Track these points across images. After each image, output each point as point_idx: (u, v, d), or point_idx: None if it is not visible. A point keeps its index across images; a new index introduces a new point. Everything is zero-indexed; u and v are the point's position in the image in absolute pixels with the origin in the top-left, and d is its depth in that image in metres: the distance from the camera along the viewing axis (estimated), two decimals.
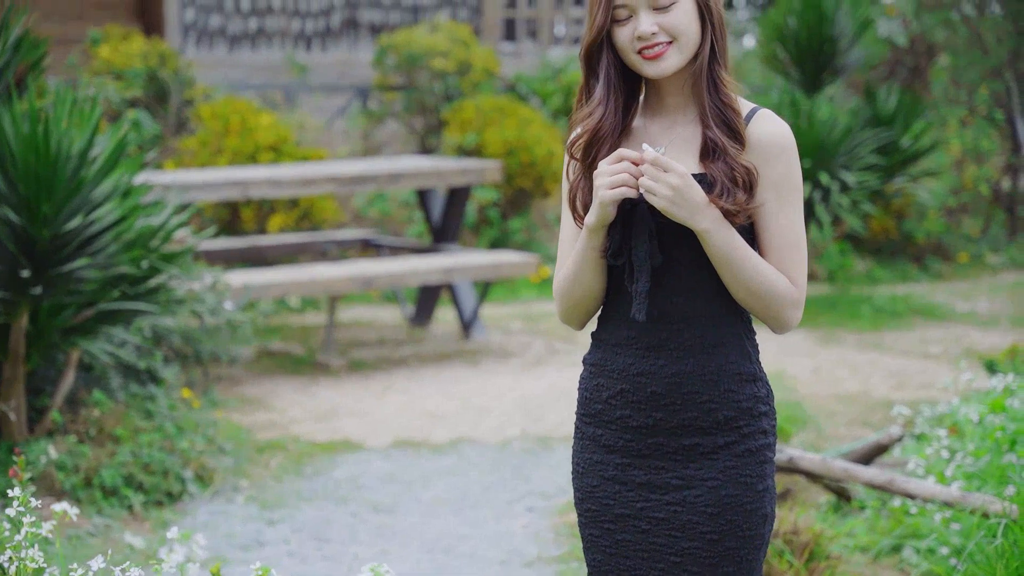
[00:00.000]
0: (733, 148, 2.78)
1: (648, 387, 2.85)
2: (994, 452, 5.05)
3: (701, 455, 2.84)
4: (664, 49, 2.79)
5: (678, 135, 2.87)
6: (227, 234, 11.04)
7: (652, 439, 2.86)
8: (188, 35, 13.46)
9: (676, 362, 2.83)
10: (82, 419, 6.14)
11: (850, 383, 8.37)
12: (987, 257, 13.09)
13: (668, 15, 2.78)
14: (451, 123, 12.26)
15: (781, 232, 2.82)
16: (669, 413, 2.84)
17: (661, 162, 2.72)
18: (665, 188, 2.71)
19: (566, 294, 2.92)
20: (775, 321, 2.85)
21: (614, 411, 2.89)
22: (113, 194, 5.83)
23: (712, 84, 2.82)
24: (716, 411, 2.83)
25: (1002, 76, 13.39)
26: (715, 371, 2.83)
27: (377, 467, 6.69)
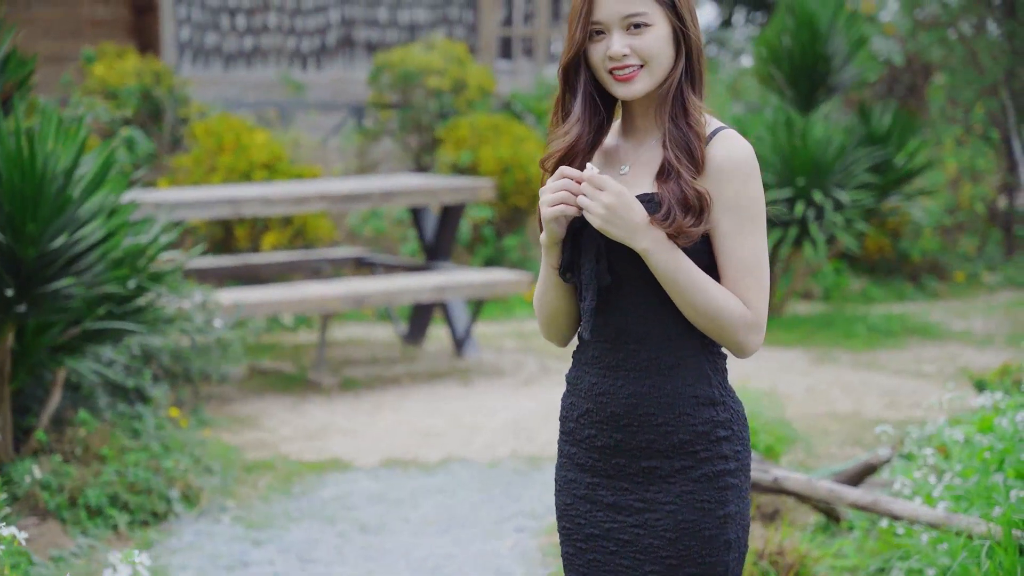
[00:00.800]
0: (688, 172, 2.75)
1: (608, 407, 2.84)
2: (982, 472, 5.02)
3: (659, 478, 2.82)
4: (635, 72, 2.79)
5: (643, 155, 2.86)
6: (221, 252, 11.03)
7: (615, 459, 2.85)
8: (184, 53, 13.47)
9: (633, 383, 2.82)
10: (68, 438, 6.11)
11: (843, 402, 8.34)
12: (983, 276, 13.06)
13: (640, 38, 2.77)
14: (446, 141, 12.25)
15: (736, 255, 2.78)
16: (628, 434, 2.83)
17: (595, 180, 2.71)
18: (599, 206, 2.70)
19: (538, 310, 2.95)
20: (731, 345, 2.81)
21: (583, 430, 2.89)
22: (99, 213, 5.80)
23: (681, 109, 2.80)
24: (672, 434, 2.80)
25: (998, 95, 13.38)
26: (671, 393, 2.81)
27: (366, 486, 6.65)
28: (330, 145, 13.10)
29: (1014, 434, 5.09)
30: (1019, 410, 5.20)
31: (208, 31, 13.62)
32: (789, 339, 10.25)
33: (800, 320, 10.80)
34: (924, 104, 14.58)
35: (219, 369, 7.57)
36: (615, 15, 2.76)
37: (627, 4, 2.76)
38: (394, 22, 14.34)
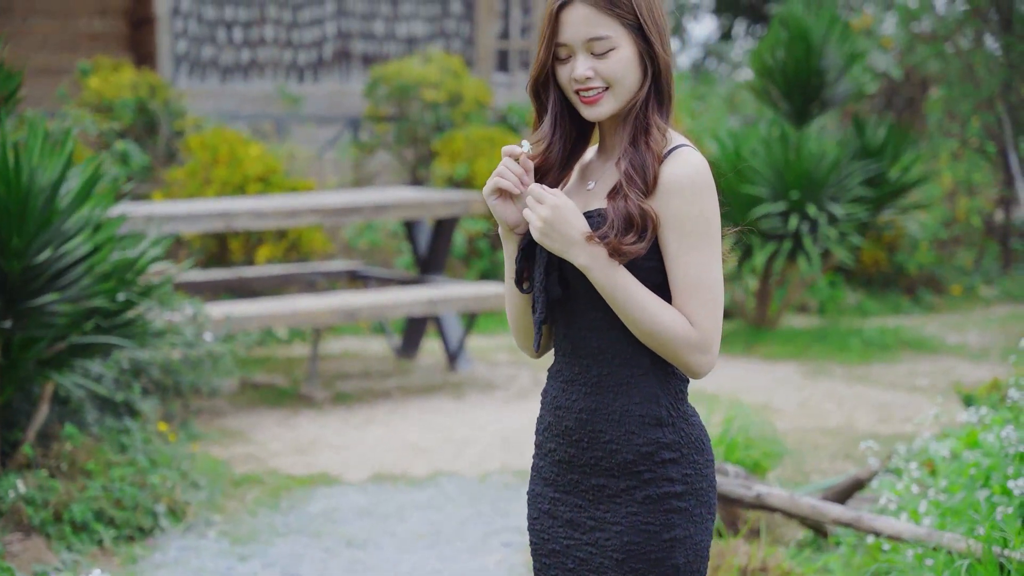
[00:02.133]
0: (637, 190, 2.74)
1: (563, 421, 2.85)
2: (968, 488, 5.00)
3: (608, 497, 2.81)
4: (600, 95, 2.78)
5: (607, 172, 2.86)
6: (215, 265, 11.02)
7: (570, 475, 2.85)
8: (180, 66, 13.48)
9: (585, 398, 2.81)
10: (54, 453, 6.09)
11: (835, 416, 8.32)
12: (980, 289, 13.05)
13: (604, 61, 2.76)
14: (441, 154, 12.25)
15: (682, 273, 2.74)
16: (579, 450, 2.82)
17: (535, 194, 2.72)
18: (536, 219, 2.72)
19: (509, 319, 2.96)
20: (679, 365, 2.77)
21: (547, 443, 2.90)
22: (85, 227, 5.79)
23: (643, 129, 2.79)
24: (617, 452, 2.78)
25: (994, 108, 13.37)
26: (619, 411, 2.79)
27: (353, 501, 6.63)
28: (326, 158, 13.10)
29: (1000, 450, 5.07)
30: (1005, 425, 5.18)
31: (205, 44, 13.63)
32: (784, 353, 10.23)
33: (795, 333, 10.78)
34: (922, 117, 14.58)
35: (209, 383, 7.56)
36: (579, 38, 2.76)
37: (591, 27, 2.75)
38: (391, 35, 14.35)
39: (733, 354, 10.22)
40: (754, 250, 10.30)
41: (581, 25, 2.75)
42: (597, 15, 2.74)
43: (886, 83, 15.67)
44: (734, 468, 5.23)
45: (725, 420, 6.10)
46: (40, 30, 13.45)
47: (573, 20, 2.75)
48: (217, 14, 13.67)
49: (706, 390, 8.82)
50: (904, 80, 14.95)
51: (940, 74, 14.02)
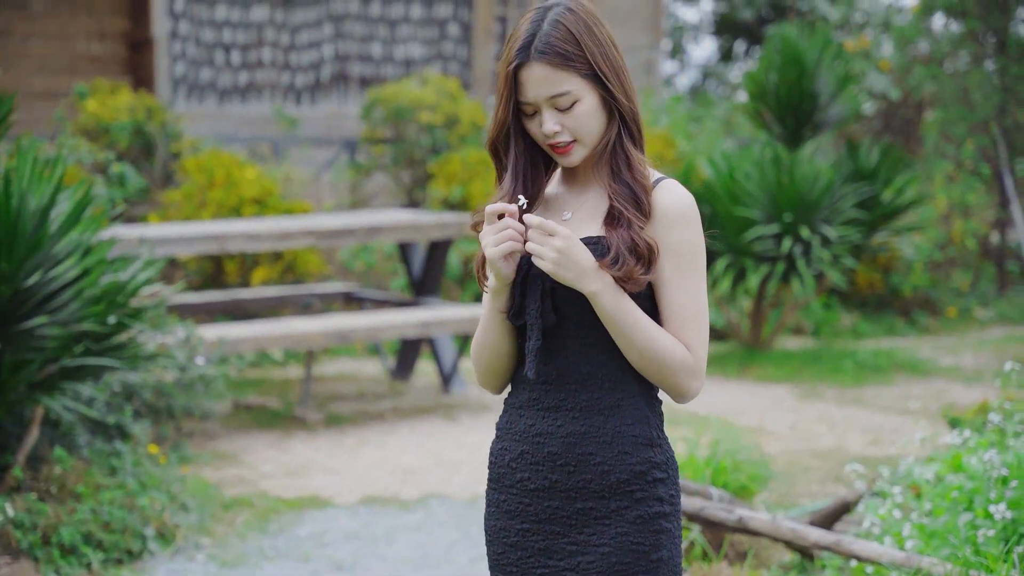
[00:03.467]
0: (638, 221, 2.81)
1: (545, 447, 2.85)
2: (951, 511, 5.01)
3: (594, 520, 2.83)
4: (569, 146, 2.84)
5: (588, 201, 2.91)
6: (211, 287, 11.05)
7: (548, 502, 2.86)
8: (178, 88, 13.53)
9: (572, 422, 2.84)
10: (43, 476, 6.11)
11: (827, 439, 8.33)
12: (976, 311, 13.07)
13: (569, 115, 2.82)
14: (437, 176, 12.29)
15: (680, 300, 2.83)
16: (564, 475, 2.84)
17: (546, 227, 2.74)
18: (551, 251, 2.74)
19: (477, 357, 2.96)
20: (672, 389, 2.84)
21: (514, 474, 2.90)
22: (74, 251, 5.83)
23: (624, 163, 2.86)
24: (610, 473, 2.82)
25: (989, 131, 13.41)
26: (611, 433, 2.83)
27: (343, 524, 6.65)
28: (323, 180, 13.14)
29: (984, 473, 5.08)
30: (989, 448, 5.20)
31: (203, 67, 13.69)
32: (778, 375, 10.24)
33: (789, 355, 10.79)
34: (919, 140, 14.63)
35: (201, 405, 7.58)
36: (541, 95, 2.81)
37: (550, 85, 2.80)
38: (389, 57, 14.40)
39: (727, 376, 10.24)
40: (748, 272, 10.33)
41: (541, 84, 2.80)
42: (555, 72, 2.79)
43: (885, 105, 15.72)
44: (718, 492, 5.25)
45: (712, 443, 6.12)
46: (39, 53, 13.50)
47: (532, 79, 2.80)
48: (215, 37, 13.73)
49: (699, 412, 8.84)
50: (902, 102, 15.00)
51: (936, 96, 14.06)
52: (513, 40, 2.81)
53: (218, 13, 13.72)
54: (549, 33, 2.78)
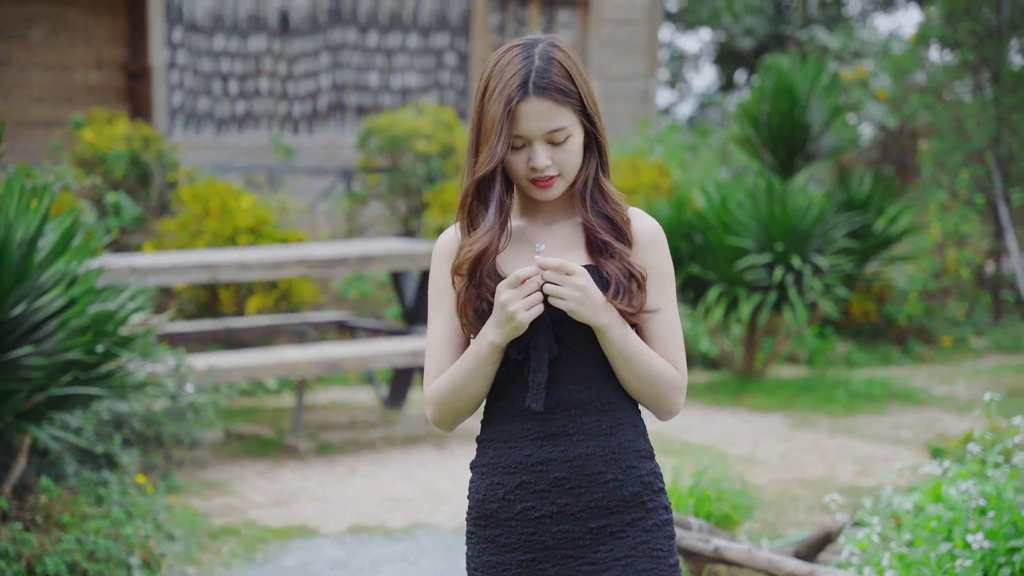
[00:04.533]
0: (624, 251, 2.89)
1: (551, 473, 2.88)
2: (930, 542, 5.02)
3: (610, 536, 2.88)
4: (552, 181, 2.88)
5: (557, 233, 2.96)
6: (206, 315, 11.08)
7: (557, 527, 2.88)
8: (176, 118, 13.60)
9: (576, 446, 2.88)
10: (29, 505, 6.12)
11: (816, 468, 8.33)
12: (971, 341, 13.06)
13: (561, 150, 2.86)
14: (432, 205, 12.33)
15: (663, 320, 2.93)
16: (574, 497, 2.87)
17: (565, 267, 2.79)
18: (573, 290, 2.79)
19: (451, 402, 2.95)
20: (664, 407, 2.93)
21: (513, 506, 2.91)
22: (60, 281, 5.85)
23: (600, 195, 2.93)
24: (621, 488, 2.88)
25: (984, 161, 13.44)
26: (616, 449, 2.89)
27: (329, 554, 6.66)
28: (319, 209, 13.19)
29: (964, 503, 5.09)
30: (969, 478, 5.21)
31: (200, 96, 13.76)
32: (770, 404, 10.25)
33: (782, 384, 10.80)
34: (916, 169, 14.66)
35: (191, 434, 7.60)
36: (539, 130, 2.84)
37: (549, 120, 2.83)
38: (386, 87, 14.47)
39: (720, 405, 10.25)
40: (740, 301, 10.35)
41: (540, 119, 2.83)
42: (555, 107, 2.83)
43: (883, 134, 15.77)
44: (698, 522, 5.26)
45: (696, 473, 6.13)
46: (37, 82, 13.58)
47: (531, 114, 2.82)
48: (213, 66, 13.81)
49: (690, 441, 8.85)
50: (899, 131, 15.05)
51: (931, 126, 14.11)
52: (503, 77, 2.82)
53: (216, 43, 13.80)
54: (546, 69, 2.82)
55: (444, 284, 2.97)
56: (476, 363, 2.88)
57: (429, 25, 14.59)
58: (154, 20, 13.36)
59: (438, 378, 2.96)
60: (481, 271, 2.87)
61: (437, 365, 2.97)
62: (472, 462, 3.01)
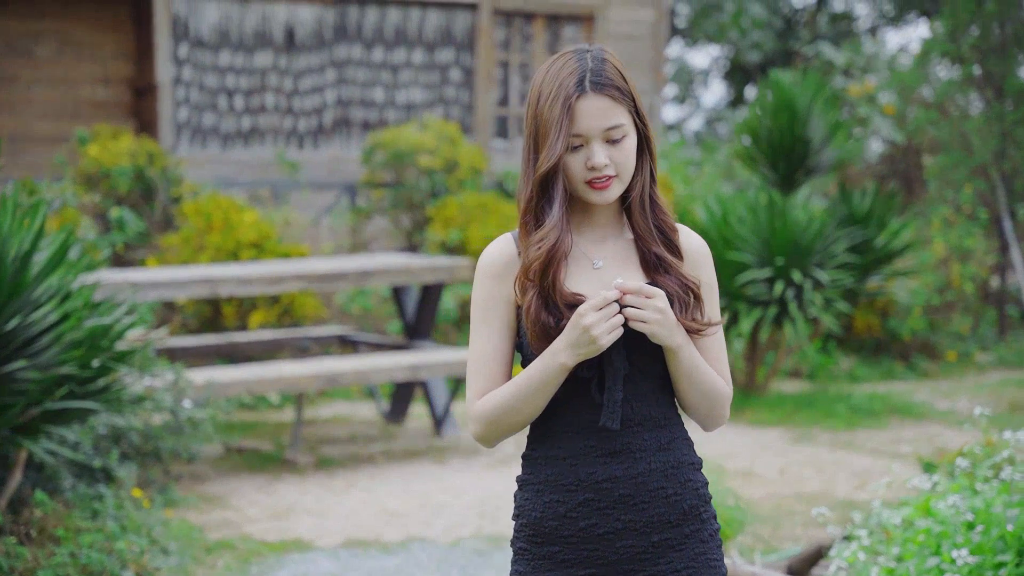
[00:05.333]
0: (676, 263, 2.94)
1: (616, 491, 2.90)
2: (918, 556, 5.02)
3: (670, 548, 2.92)
4: (609, 182, 2.89)
5: (611, 249, 2.97)
6: (209, 330, 11.12)
7: (621, 543, 2.91)
8: (181, 133, 13.65)
9: (639, 462, 2.91)
10: (24, 519, 6.15)
11: (814, 482, 8.33)
12: (976, 356, 13.05)
13: (618, 149, 2.87)
14: (435, 220, 12.36)
15: (715, 335, 2.99)
16: (637, 513, 2.90)
17: (645, 289, 2.82)
18: (654, 313, 2.82)
19: (503, 421, 2.93)
20: (713, 420, 3.00)
21: (575, 523, 2.91)
22: (55, 295, 5.88)
23: (653, 206, 2.96)
24: (681, 501, 2.92)
25: (988, 175, 13.44)
26: (675, 464, 2.93)
27: (323, 567, 6.67)
28: (323, 224, 13.22)
29: (953, 517, 5.09)
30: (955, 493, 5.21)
31: (206, 112, 13.81)
32: (771, 419, 10.25)
33: (783, 399, 10.80)
34: (924, 184, 14.66)
35: (189, 448, 7.62)
36: (596, 127, 2.85)
37: (607, 117, 2.85)
38: (391, 102, 14.52)
39: None
40: (740, 316, 10.35)
41: (598, 116, 2.85)
42: (612, 104, 2.86)
43: (891, 149, 15.77)
44: None
45: None
46: (43, 98, 13.65)
47: (589, 111, 2.84)
48: (219, 82, 13.86)
49: None
50: (907, 146, 15.04)
51: (935, 141, 14.11)
52: (558, 78, 2.85)
53: (222, 59, 13.86)
54: (601, 69, 2.86)
55: (494, 299, 2.95)
56: (541, 383, 2.86)
57: (434, 41, 14.64)
58: (160, 36, 13.42)
59: (488, 396, 2.94)
60: (553, 272, 2.86)
61: (486, 383, 2.95)
62: (522, 479, 2.99)
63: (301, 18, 14.11)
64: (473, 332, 2.97)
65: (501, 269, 2.94)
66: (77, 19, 13.79)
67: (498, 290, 2.94)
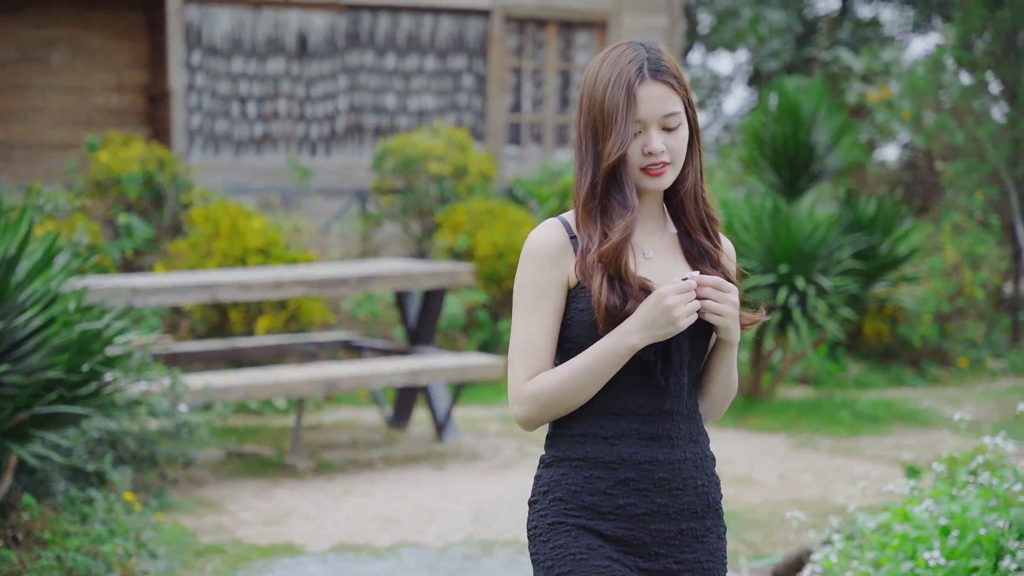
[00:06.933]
0: (720, 256, 3.03)
1: (656, 473, 2.96)
2: (894, 560, 5.00)
3: (694, 539, 2.99)
4: (664, 168, 2.94)
5: (657, 241, 3.03)
6: (216, 336, 11.16)
7: (653, 525, 2.97)
8: (194, 140, 13.72)
9: (676, 450, 2.99)
10: (11, 523, 6.19)
11: (812, 489, 8.30)
12: (988, 362, 12.98)
13: (674, 136, 2.94)
14: (444, 226, 12.39)
15: None
16: (671, 498, 2.97)
17: (720, 283, 2.90)
18: (730, 307, 2.92)
19: (558, 402, 2.96)
20: (720, 413, 3.13)
21: (614, 500, 2.97)
22: (40, 300, 5.92)
23: (702, 198, 3.02)
24: (707, 494, 3.01)
25: (1001, 182, 13.37)
26: (702, 456, 3.03)
27: (312, 571, 6.69)
28: (333, 230, 13.26)
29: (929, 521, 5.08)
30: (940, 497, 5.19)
31: (218, 118, 13.87)
32: (774, 425, 10.22)
33: (787, 405, 10.77)
34: (941, 190, 14.60)
35: (185, 453, 7.66)
36: (656, 114, 2.92)
37: (666, 103, 2.92)
38: (403, 109, 14.55)
39: (723, 425, 10.23)
40: None
41: (658, 102, 2.92)
42: (670, 92, 2.93)
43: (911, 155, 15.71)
44: None
45: None
46: (58, 106, 13.74)
47: (650, 97, 2.91)
48: (231, 89, 13.93)
49: None
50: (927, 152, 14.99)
51: (948, 147, 14.04)
52: (617, 66, 2.91)
53: (234, 66, 13.92)
54: (659, 58, 2.93)
55: (545, 282, 2.97)
56: (606, 363, 2.91)
57: (447, 47, 14.67)
58: (173, 43, 13.50)
59: (540, 377, 2.96)
60: (624, 258, 2.91)
61: (536, 364, 2.96)
62: (553, 455, 3.02)
63: (313, 25, 14.16)
64: (520, 315, 2.99)
65: (554, 253, 2.97)
66: (91, 27, 13.88)
67: (550, 273, 2.96)
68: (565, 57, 15.11)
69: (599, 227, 2.93)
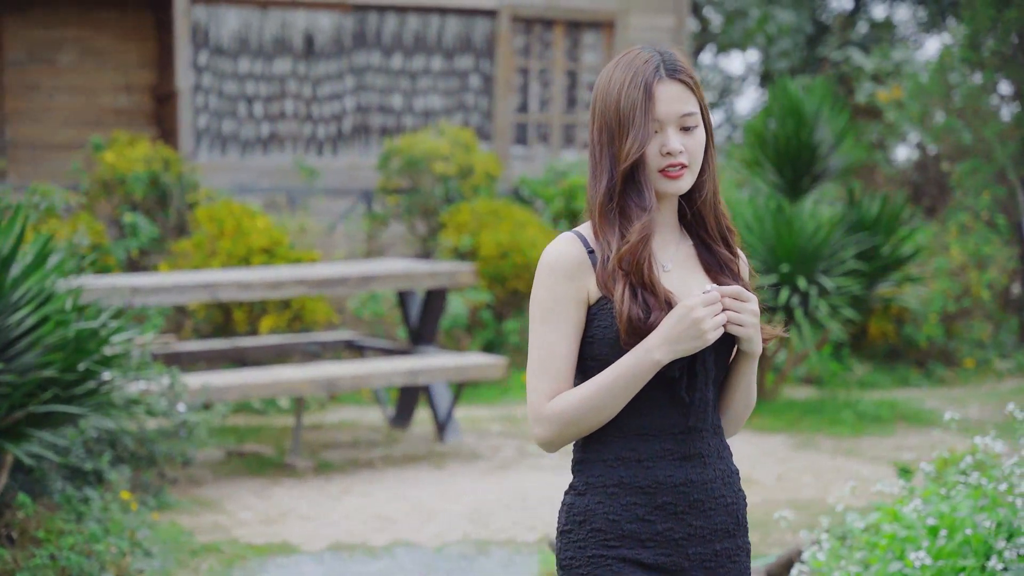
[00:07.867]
0: (738, 266, 2.96)
1: (691, 495, 2.88)
2: (883, 561, 4.99)
3: (727, 559, 2.92)
4: (682, 171, 2.86)
5: (673, 253, 2.94)
6: (220, 335, 11.18)
7: (691, 549, 2.89)
8: (201, 140, 13.74)
9: (706, 469, 2.91)
10: (5, 521, 6.21)
11: (810, 489, 8.29)
12: (994, 363, 12.94)
13: (691, 137, 2.86)
14: (448, 226, 12.39)
15: None
16: (705, 519, 2.89)
17: (742, 294, 2.83)
18: (751, 317, 2.84)
19: (581, 422, 2.87)
20: (739, 427, 3.05)
21: (653, 526, 2.87)
22: (34, 299, 5.94)
23: (718, 208, 2.96)
24: (737, 511, 2.95)
25: (1007, 181, 13.33)
26: (730, 473, 2.96)
27: (308, 570, 6.70)
28: (338, 230, 13.28)
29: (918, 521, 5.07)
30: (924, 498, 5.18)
31: (225, 118, 13.90)
32: (775, 425, 10.21)
33: (791, 405, 10.75)
34: (949, 190, 14.57)
35: (183, 452, 7.67)
36: (673, 113, 2.85)
37: (683, 103, 2.86)
38: (409, 109, 14.56)
39: None
40: None
41: (675, 101, 2.85)
42: (687, 92, 2.86)
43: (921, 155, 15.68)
44: None
45: None
46: (65, 107, 13.78)
47: (667, 96, 2.85)
48: (238, 89, 13.95)
49: None
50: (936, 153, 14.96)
51: (955, 147, 14.01)
52: (633, 67, 2.85)
53: (241, 66, 13.94)
54: (675, 58, 2.88)
55: (564, 298, 2.88)
56: (630, 381, 2.81)
57: (453, 48, 14.67)
58: (180, 44, 13.52)
59: (562, 397, 2.86)
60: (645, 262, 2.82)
61: (556, 383, 2.87)
62: (586, 482, 2.91)
63: (320, 25, 14.18)
64: (538, 332, 2.89)
65: (570, 268, 2.87)
66: (99, 27, 13.91)
67: (569, 289, 2.87)
68: (572, 57, 15.11)
69: (617, 230, 2.85)
